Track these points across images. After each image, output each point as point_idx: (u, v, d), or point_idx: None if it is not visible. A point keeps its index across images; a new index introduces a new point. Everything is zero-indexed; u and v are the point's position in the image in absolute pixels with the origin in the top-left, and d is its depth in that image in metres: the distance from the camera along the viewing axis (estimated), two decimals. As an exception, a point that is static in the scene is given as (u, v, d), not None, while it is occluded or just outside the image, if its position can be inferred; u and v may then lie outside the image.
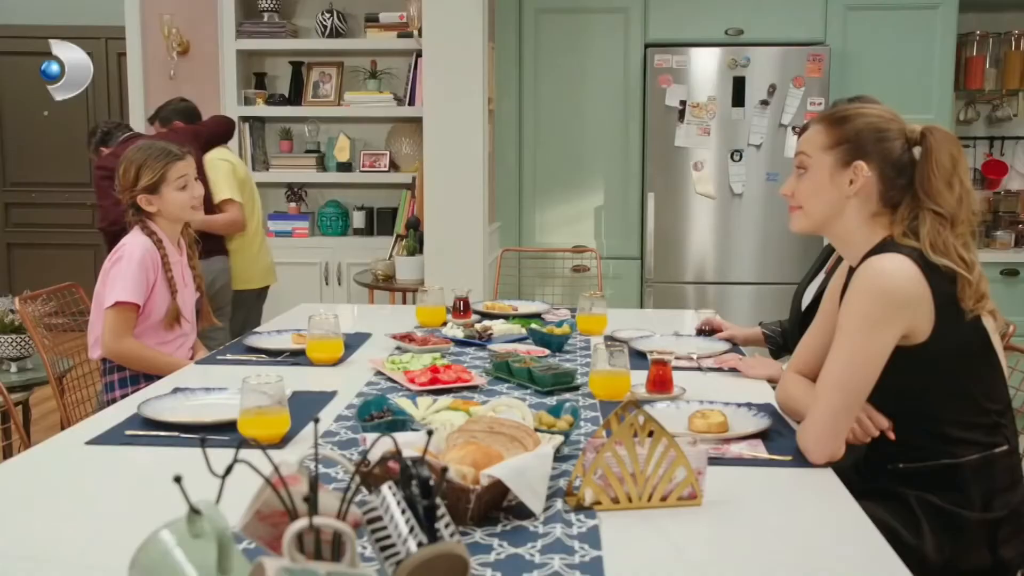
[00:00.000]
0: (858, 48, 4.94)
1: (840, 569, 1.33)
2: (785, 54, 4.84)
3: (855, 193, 1.82)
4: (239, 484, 1.00)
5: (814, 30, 4.95)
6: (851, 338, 1.72)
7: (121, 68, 6.78)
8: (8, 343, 3.58)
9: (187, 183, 2.83)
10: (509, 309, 3.28)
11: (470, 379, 2.28)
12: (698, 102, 4.86)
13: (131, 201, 2.81)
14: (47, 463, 1.80)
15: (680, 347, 2.63)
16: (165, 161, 2.81)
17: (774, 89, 4.82)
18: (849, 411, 1.74)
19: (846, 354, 1.72)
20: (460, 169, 4.41)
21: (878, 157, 1.80)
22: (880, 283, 1.70)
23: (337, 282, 5.06)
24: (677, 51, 4.86)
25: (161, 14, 5.05)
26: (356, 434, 1.89)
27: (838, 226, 1.87)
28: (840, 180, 1.82)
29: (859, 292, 1.73)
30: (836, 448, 1.73)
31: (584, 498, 1.49)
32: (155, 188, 2.79)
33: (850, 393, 1.72)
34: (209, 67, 5.10)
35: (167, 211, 2.82)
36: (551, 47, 5.05)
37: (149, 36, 5.12)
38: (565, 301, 4.68)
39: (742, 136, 4.86)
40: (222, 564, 0.94)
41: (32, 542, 1.41)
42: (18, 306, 3.24)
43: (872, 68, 4.90)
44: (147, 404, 2.03)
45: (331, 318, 2.53)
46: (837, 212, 1.85)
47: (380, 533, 0.99)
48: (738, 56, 4.83)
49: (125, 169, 2.81)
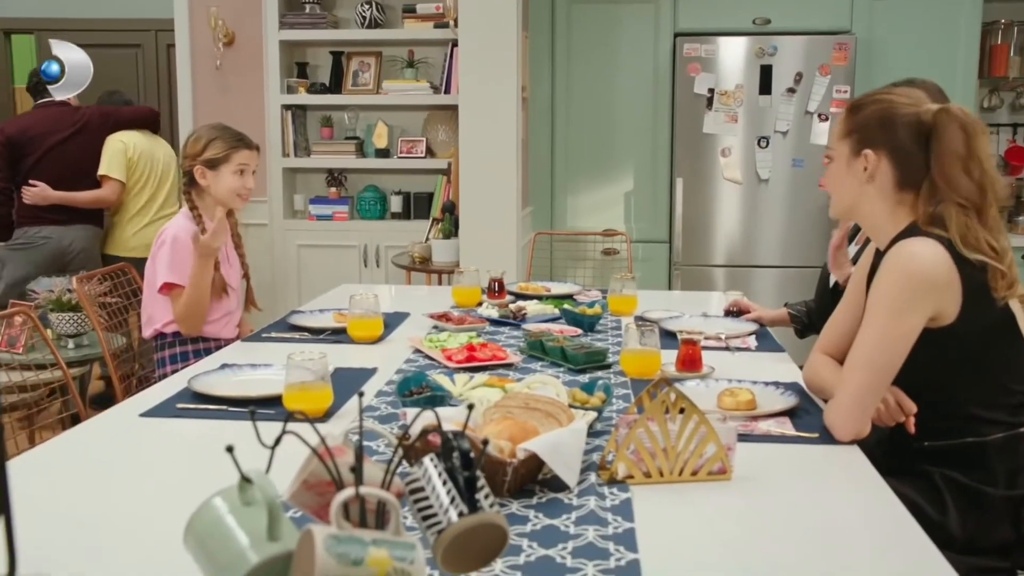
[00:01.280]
0: (883, 37, 4.86)
1: (867, 544, 1.32)
2: (811, 43, 4.77)
3: (869, 180, 1.79)
4: (284, 456, 1.00)
5: (840, 19, 4.87)
6: (880, 319, 1.69)
7: (170, 59, 6.80)
8: (66, 321, 3.63)
9: (245, 172, 2.85)
10: (542, 290, 3.27)
11: (505, 357, 2.28)
12: (726, 90, 4.81)
13: (188, 169, 2.83)
14: (104, 434, 1.82)
15: (708, 327, 2.61)
16: (235, 143, 2.83)
17: (800, 77, 4.76)
18: (876, 390, 1.71)
19: (875, 335, 1.70)
20: (494, 155, 4.40)
21: (886, 144, 1.77)
22: (910, 266, 1.67)
23: (376, 264, 5.07)
24: (706, 40, 4.81)
25: (208, 7, 5.06)
26: (396, 409, 1.90)
27: (863, 212, 1.85)
28: (855, 168, 1.80)
29: (889, 274, 1.70)
30: (862, 426, 1.71)
31: (617, 472, 1.49)
32: (215, 164, 2.81)
33: (878, 373, 1.70)
34: (253, 57, 5.11)
35: (216, 190, 2.83)
36: (583, 36, 5.02)
37: (197, 28, 5.13)
38: (595, 283, 4.66)
39: (769, 123, 4.80)
40: (272, 531, 0.94)
41: (92, 508, 1.43)
42: (75, 286, 3.28)
43: (897, 56, 4.82)
44: (197, 379, 2.05)
45: (371, 298, 2.54)
46: (858, 199, 1.83)
47: (422, 503, 0.99)
48: (765, 45, 4.77)
49: (197, 138, 2.84)
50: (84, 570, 1.01)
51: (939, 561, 1.23)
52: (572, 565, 1.20)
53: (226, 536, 0.94)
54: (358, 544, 0.87)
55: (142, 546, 1.28)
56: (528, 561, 1.21)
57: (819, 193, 4.80)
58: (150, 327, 2.82)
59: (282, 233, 5.14)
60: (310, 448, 1.00)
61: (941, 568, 1.21)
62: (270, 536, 0.94)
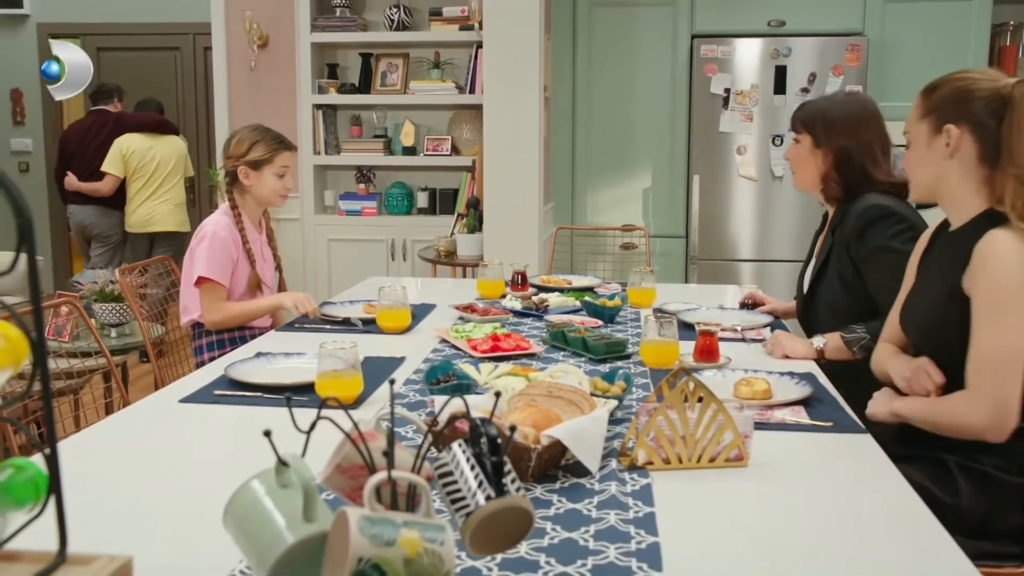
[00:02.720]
0: (895, 38, 4.81)
1: (879, 529, 1.31)
2: (825, 44, 4.72)
3: (951, 155, 1.75)
4: (316, 441, 1.00)
5: (853, 21, 4.82)
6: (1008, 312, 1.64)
7: (207, 61, 6.84)
8: (109, 311, 3.66)
9: (286, 173, 2.86)
10: (563, 283, 3.26)
11: (528, 347, 2.27)
12: (742, 90, 4.77)
13: (232, 169, 2.84)
14: (145, 419, 1.83)
15: (725, 319, 2.60)
16: (277, 146, 2.85)
17: (814, 78, 4.72)
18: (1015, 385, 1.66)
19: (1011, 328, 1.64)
20: (517, 153, 4.39)
21: (966, 118, 1.72)
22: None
23: (403, 258, 5.08)
24: (722, 42, 4.78)
25: (243, 10, 5.08)
26: (424, 396, 1.90)
27: (945, 191, 1.80)
28: (936, 145, 1.76)
29: (995, 271, 1.65)
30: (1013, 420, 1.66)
31: (637, 458, 1.48)
32: (259, 165, 2.82)
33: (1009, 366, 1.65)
34: (286, 59, 5.12)
35: (258, 191, 2.84)
36: (603, 38, 4.99)
37: (232, 31, 5.15)
38: (615, 276, 4.64)
39: (783, 122, 4.75)
40: (308, 512, 0.94)
41: (133, 489, 1.44)
42: (118, 277, 3.30)
43: (908, 58, 4.77)
44: (233, 367, 2.05)
45: (400, 290, 2.54)
46: (940, 177, 1.78)
47: (451, 487, 0.99)
48: (780, 46, 4.73)
49: (240, 140, 2.85)
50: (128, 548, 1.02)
51: (950, 545, 1.22)
52: (594, 548, 1.20)
53: (264, 517, 0.95)
54: (390, 525, 0.87)
55: (183, 526, 1.29)
56: (552, 544, 1.21)
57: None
58: (187, 316, 2.83)
59: (313, 228, 5.15)
60: (344, 433, 1.00)
61: (952, 552, 1.20)
62: (306, 517, 0.94)
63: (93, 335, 2.60)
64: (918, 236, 2.05)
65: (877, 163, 2.37)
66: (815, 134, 2.43)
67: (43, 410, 0.85)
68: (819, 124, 2.42)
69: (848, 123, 2.39)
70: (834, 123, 2.40)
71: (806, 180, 2.50)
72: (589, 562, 1.15)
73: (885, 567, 1.19)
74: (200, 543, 1.21)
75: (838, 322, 2.32)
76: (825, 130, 2.41)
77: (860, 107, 2.43)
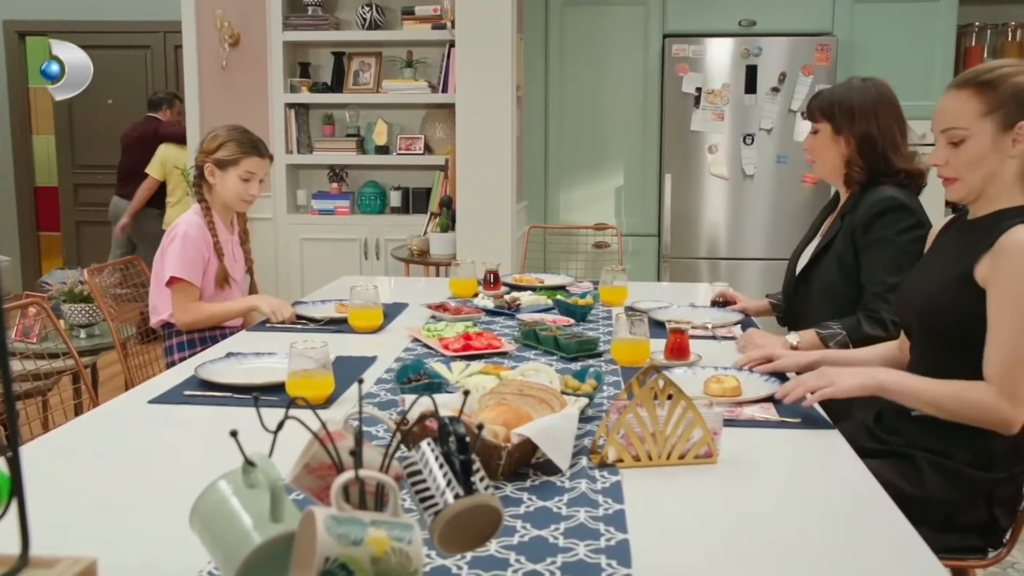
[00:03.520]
0: (863, 38, 4.86)
1: (846, 523, 1.32)
2: (795, 44, 4.76)
3: (1017, 154, 1.70)
4: (288, 440, 1.00)
5: (822, 21, 4.87)
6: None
7: (177, 59, 6.79)
8: (78, 311, 3.62)
9: (251, 179, 2.84)
10: (536, 282, 3.26)
11: (500, 346, 2.27)
12: (713, 89, 4.80)
13: (200, 164, 2.83)
14: (114, 420, 1.81)
15: (696, 317, 2.61)
16: (249, 149, 2.83)
17: (784, 77, 4.75)
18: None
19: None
20: (490, 152, 4.39)
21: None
22: None
23: (376, 257, 5.06)
24: (693, 41, 4.80)
25: (214, 9, 5.04)
26: (395, 396, 1.89)
27: (992, 189, 1.74)
28: (1003, 144, 1.69)
29: (1016, 268, 1.62)
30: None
31: (607, 456, 1.49)
32: (224, 165, 2.80)
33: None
34: (258, 58, 5.08)
35: (221, 191, 2.83)
36: (576, 38, 5.01)
37: (203, 29, 5.11)
38: (587, 275, 4.64)
39: (754, 121, 4.80)
40: (275, 512, 0.94)
41: (100, 491, 1.43)
42: (87, 278, 3.26)
43: (876, 57, 4.81)
44: (203, 367, 2.04)
45: (371, 289, 2.53)
46: (996, 175, 1.72)
47: (420, 486, 0.99)
48: (750, 46, 4.76)
49: (214, 136, 2.85)
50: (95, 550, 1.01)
51: (915, 539, 1.23)
52: (564, 545, 1.20)
53: (231, 517, 0.94)
54: (357, 525, 0.87)
55: (151, 527, 1.28)
56: (522, 541, 1.21)
57: (802, 188, 4.81)
58: (156, 316, 2.81)
59: (285, 227, 5.12)
60: (311, 433, 0.99)
61: (917, 545, 1.22)
62: (273, 517, 0.94)
63: (61, 336, 2.57)
64: (925, 233, 2.05)
65: (897, 147, 2.37)
66: (835, 121, 2.41)
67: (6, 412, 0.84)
68: (839, 111, 2.40)
69: (868, 108, 2.38)
70: (854, 109, 2.38)
71: (827, 168, 2.48)
72: (559, 559, 1.16)
73: (851, 561, 1.20)
74: (168, 544, 1.20)
75: (828, 304, 2.37)
76: (846, 117, 2.39)
77: (878, 92, 2.41)
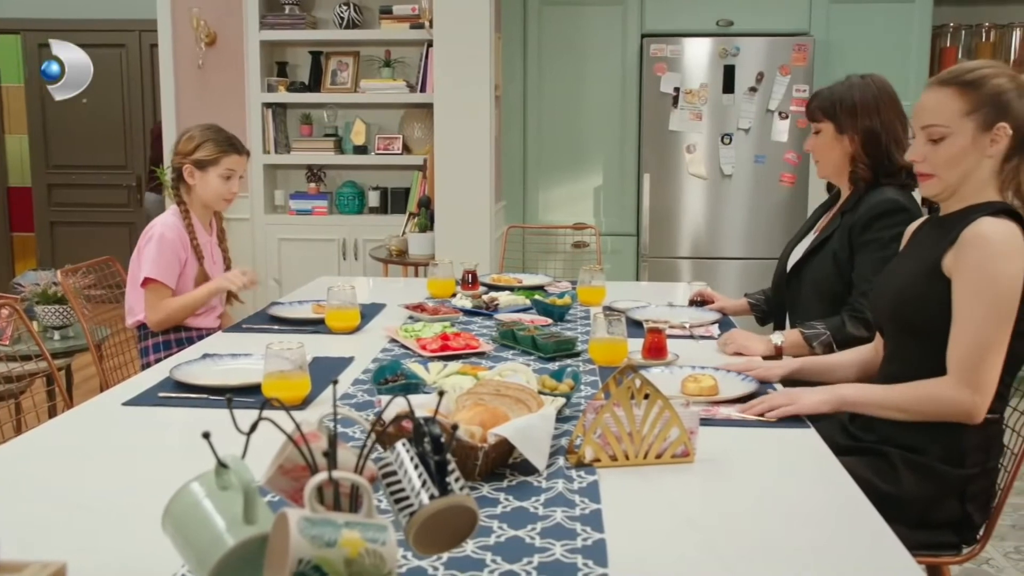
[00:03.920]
0: (840, 39, 4.89)
1: (821, 521, 1.33)
2: (772, 44, 4.79)
3: (994, 154, 1.73)
4: (264, 442, 1.00)
5: (799, 22, 4.90)
6: (985, 298, 1.66)
7: (153, 58, 6.74)
8: (51, 313, 3.58)
9: (232, 176, 2.82)
10: (514, 282, 3.26)
11: (478, 346, 2.27)
12: (691, 89, 4.82)
13: (177, 166, 2.80)
14: (87, 422, 1.80)
15: (674, 317, 2.62)
16: (227, 148, 2.81)
17: (762, 77, 4.78)
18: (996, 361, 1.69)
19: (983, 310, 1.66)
20: (468, 152, 4.39)
21: (1014, 116, 1.71)
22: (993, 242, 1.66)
23: (354, 257, 5.05)
24: (671, 41, 4.82)
25: (190, 7, 5.01)
26: (372, 396, 1.89)
27: (967, 187, 1.77)
28: (982, 143, 1.72)
29: (982, 258, 1.67)
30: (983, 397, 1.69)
31: (584, 456, 1.49)
32: (204, 165, 2.78)
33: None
34: (235, 57, 5.06)
35: (201, 191, 2.81)
36: (554, 37, 5.01)
37: (179, 28, 5.07)
38: (566, 275, 4.66)
39: (732, 121, 4.82)
40: (248, 514, 0.94)
41: (73, 494, 1.41)
42: (60, 279, 3.23)
43: (853, 57, 4.85)
44: (179, 368, 2.03)
45: (348, 289, 2.52)
46: (971, 174, 1.75)
47: (395, 487, 0.99)
48: (728, 46, 4.79)
49: (190, 137, 2.82)
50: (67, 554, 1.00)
51: (889, 536, 1.25)
52: (540, 545, 1.20)
53: (203, 520, 0.94)
54: (331, 526, 0.86)
55: (124, 530, 1.27)
56: (498, 542, 1.21)
57: (780, 187, 4.84)
58: (132, 317, 2.79)
59: (263, 227, 5.10)
60: (285, 434, 0.99)
61: (891, 542, 1.23)
62: (246, 519, 0.93)
63: (34, 338, 2.55)
64: None
65: (900, 142, 2.37)
66: (837, 120, 2.40)
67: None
68: (840, 110, 2.39)
69: (869, 105, 2.38)
70: (855, 107, 2.37)
71: (830, 168, 2.47)
72: (535, 560, 1.16)
73: (826, 559, 1.21)
74: (141, 547, 1.20)
75: (818, 299, 2.38)
76: (848, 114, 2.38)
77: (878, 88, 2.41)
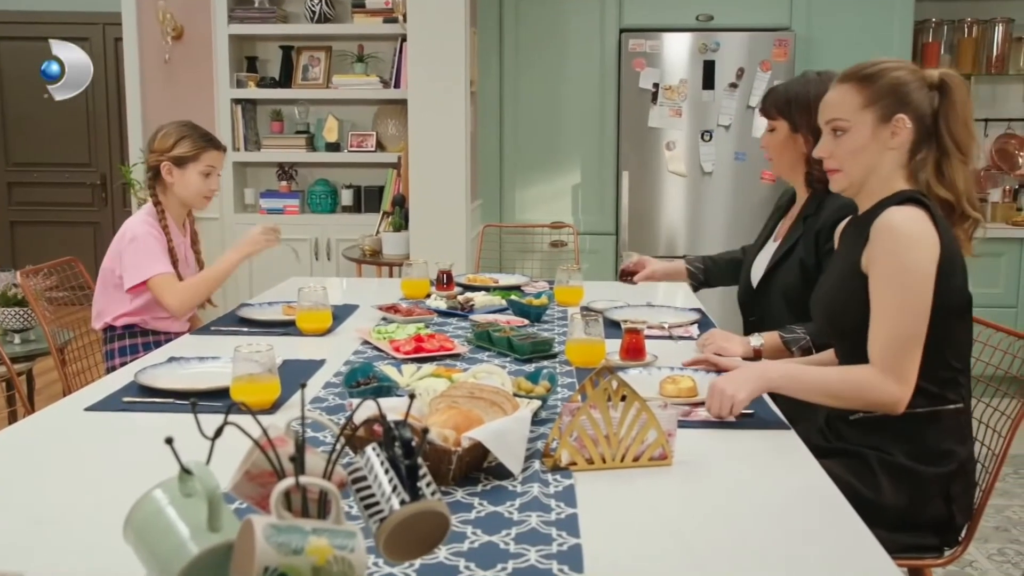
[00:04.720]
0: (821, 34, 4.93)
1: (802, 524, 1.34)
2: (752, 39, 4.82)
3: (896, 146, 1.79)
4: (231, 448, 0.99)
5: (780, 16, 4.93)
6: (898, 287, 1.70)
7: (118, 52, 6.67)
8: (11, 315, 3.55)
9: (211, 173, 2.81)
10: (490, 282, 3.26)
11: (452, 348, 2.27)
12: (670, 85, 4.84)
13: (155, 164, 2.78)
14: (49, 429, 1.77)
15: (652, 317, 2.63)
16: (205, 144, 2.79)
17: (742, 72, 4.81)
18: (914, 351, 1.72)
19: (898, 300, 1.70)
20: (443, 149, 4.38)
21: (914, 107, 1.77)
22: (902, 229, 1.70)
23: (327, 257, 5.03)
24: (650, 36, 4.84)
25: (156, 0, 4.98)
26: (343, 400, 1.88)
27: (873, 180, 1.82)
28: (882, 135, 1.79)
29: (892, 248, 1.71)
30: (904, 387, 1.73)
31: (560, 459, 1.49)
32: (183, 162, 2.77)
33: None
34: (203, 51, 5.02)
35: (180, 190, 2.79)
36: (530, 32, 5.02)
37: (144, 22, 5.03)
38: (543, 274, 4.66)
39: (712, 117, 4.84)
40: (212, 522, 0.93)
41: (31, 503, 1.40)
42: (20, 280, 3.20)
43: (834, 53, 4.88)
44: (144, 372, 2.01)
45: (320, 290, 2.51)
46: (876, 167, 1.80)
47: (364, 492, 0.98)
48: (708, 41, 4.81)
49: (166, 134, 2.79)
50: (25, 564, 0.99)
51: (869, 539, 1.25)
52: (515, 551, 1.20)
53: (166, 528, 0.93)
54: (298, 533, 0.86)
55: (85, 540, 1.26)
56: (472, 548, 1.21)
57: (761, 184, 4.86)
58: (100, 320, 2.77)
59: (233, 227, 5.06)
60: (251, 439, 0.98)
61: (871, 546, 1.24)
62: (211, 527, 0.93)
63: (-7, 341, 2.52)
64: None
65: None
66: (792, 119, 2.38)
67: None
68: (795, 108, 2.37)
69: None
70: (810, 105, 2.28)
71: (785, 167, 2.46)
72: (509, 566, 1.16)
73: (805, 562, 1.21)
74: (103, 558, 1.18)
75: (788, 308, 2.37)
76: (802, 113, 2.34)
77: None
